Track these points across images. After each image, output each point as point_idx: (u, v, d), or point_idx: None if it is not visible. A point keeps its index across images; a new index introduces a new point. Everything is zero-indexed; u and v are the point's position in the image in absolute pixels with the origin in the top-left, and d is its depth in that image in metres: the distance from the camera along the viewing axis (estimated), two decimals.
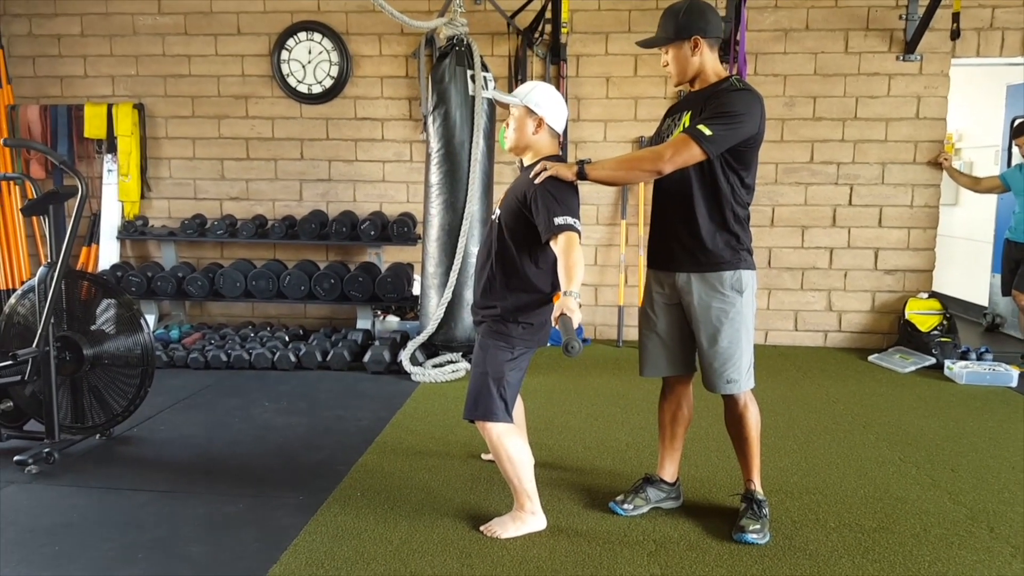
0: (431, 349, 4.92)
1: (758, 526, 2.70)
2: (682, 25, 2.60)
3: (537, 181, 2.56)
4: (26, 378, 3.34)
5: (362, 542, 2.64)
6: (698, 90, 2.69)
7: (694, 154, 2.51)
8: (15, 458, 3.23)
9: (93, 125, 5.79)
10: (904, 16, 5.31)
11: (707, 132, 2.48)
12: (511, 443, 2.67)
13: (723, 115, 2.51)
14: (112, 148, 5.85)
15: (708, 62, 2.65)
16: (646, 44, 2.73)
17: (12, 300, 3.66)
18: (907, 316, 5.37)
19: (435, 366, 4.80)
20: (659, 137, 2.79)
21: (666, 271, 2.76)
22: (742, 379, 2.70)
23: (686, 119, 2.62)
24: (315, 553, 2.56)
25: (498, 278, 2.68)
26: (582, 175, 2.60)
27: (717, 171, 2.59)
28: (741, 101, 2.54)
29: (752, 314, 2.72)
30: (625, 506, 2.87)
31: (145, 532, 2.73)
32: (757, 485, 2.81)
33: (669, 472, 2.94)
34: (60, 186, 5.07)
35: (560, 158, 2.75)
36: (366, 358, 4.87)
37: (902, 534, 2.73)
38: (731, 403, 2.77)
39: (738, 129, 2.52)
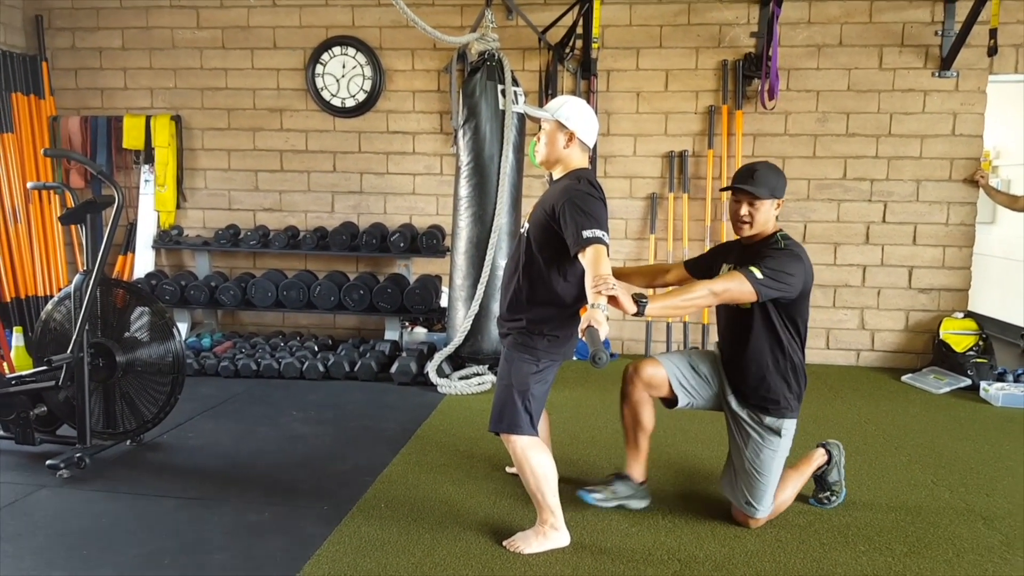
0: (458, 361, 4.93)
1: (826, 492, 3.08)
2: (777, 187, 2.78)
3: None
4: (60, 383, 3.40)
5: (385, 553, 2.65)
6: (753, 244, 2.84)
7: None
8: (47, 462, 3.29)
9: (131, 136, 5.91)
10: (940, 32, 5.24)
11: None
12: (535, 457, 2.66)
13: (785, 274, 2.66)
14: (149, 159, 5.96)
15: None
16: (747, 191, 2.75)
17: (49, 307, 3.74)
18: (942, 336, 5.27)
19: (461, 378, 4.81)
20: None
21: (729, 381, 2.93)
22: (760, 507, 2.83)
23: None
24: (338, 563, 2.57)
25: (525, 291, 2.68)
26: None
27: (774, 320, 2.75)
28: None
29: (784, 454, 2.87)
30: (594, 494, 2.99)
31: (172, 538, 2.76)
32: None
33: (637, 472, 3.05)
34: (98, 196, 5.18)
35: (590, 172, 2.75)
36: (393, 369, 4.90)
37: (934, 559, 2.67)
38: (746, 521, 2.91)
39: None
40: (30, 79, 5.89)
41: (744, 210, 2.77)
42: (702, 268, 3.07)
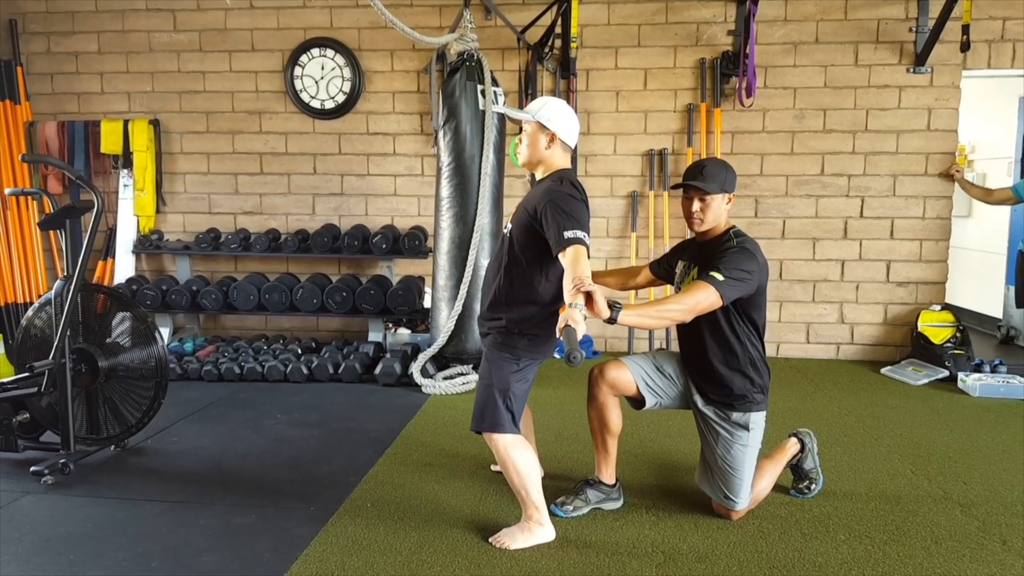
0: (442, 361, 4.94)
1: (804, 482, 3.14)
2: (726, 181, 2.81)
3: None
4: (43, 390, 3.38)
5: (372, 552, 2.66)
6: (707, 241, 2.88)
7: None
8: (31, 468, 3.27)
9: (109, 141, 5.87)
10: (914, 29, 5.32)
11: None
12: (518, 454, 2.68)
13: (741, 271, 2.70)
14: (128, 163, 5.92)
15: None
16: (697, 187, 2.79)
17: (29, 313, 3.72)
18: (920, 328, 5.34)
19: (445, 378, 4.82)
20: (678, 282, 3.01)
21: (693, 380, 2.96)
22: (739, 500, 2.86)
23: (694, 273, 2.85)
24: (326, 563, 2.58)
25: (506, 290, 2.70)
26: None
27: (731, 316, 2.78)
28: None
29: (756, 447, 2.89)
30: (566, 507, 2.97)
31: (159, 541, 2.76)
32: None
33: (607, 475, 3.04)
34: (76, 200, 5.16)
35: (571, 173, 2.77)
36: (377, 370, 4.90)
37: (913, 546, 2.72)
38: (727, 513, 2.94)
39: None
40: (5, 84, 5.84)
41: (696, 206, 2.81)
42: (664, 268, 3.15)
